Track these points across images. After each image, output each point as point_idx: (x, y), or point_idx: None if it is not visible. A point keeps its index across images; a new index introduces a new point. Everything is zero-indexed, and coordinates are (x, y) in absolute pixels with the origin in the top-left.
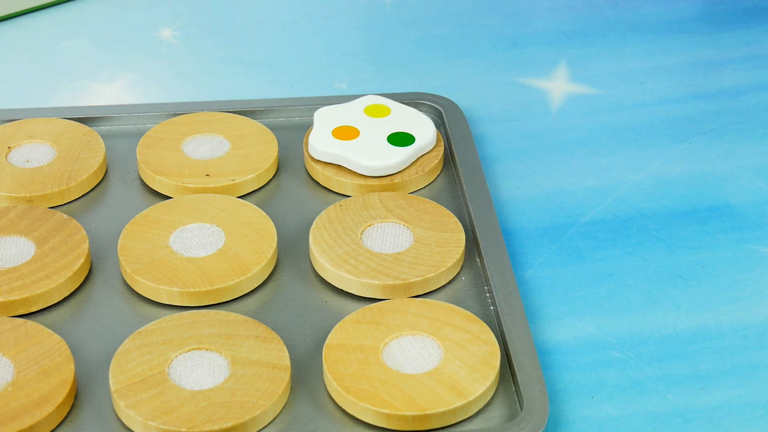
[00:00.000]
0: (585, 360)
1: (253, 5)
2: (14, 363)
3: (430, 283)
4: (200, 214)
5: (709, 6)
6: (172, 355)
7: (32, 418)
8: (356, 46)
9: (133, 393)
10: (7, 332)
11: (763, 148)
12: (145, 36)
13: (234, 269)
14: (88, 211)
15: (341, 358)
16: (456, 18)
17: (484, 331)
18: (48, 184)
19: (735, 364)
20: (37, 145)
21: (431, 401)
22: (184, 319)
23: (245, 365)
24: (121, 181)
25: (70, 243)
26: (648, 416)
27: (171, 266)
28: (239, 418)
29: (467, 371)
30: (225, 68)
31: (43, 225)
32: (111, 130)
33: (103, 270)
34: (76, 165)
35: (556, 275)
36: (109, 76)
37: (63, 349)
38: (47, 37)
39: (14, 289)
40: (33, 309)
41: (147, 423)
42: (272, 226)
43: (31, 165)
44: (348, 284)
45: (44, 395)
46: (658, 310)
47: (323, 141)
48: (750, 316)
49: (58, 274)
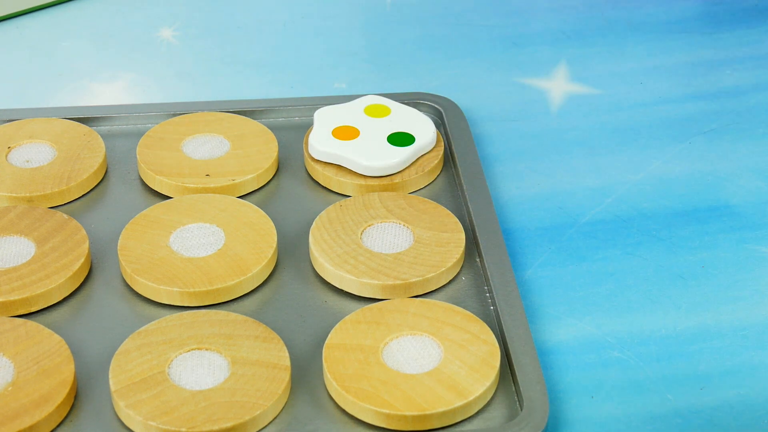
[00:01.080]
0: (585, 360)
1: (253, 5)
2: (14, 363)
3: (430, 283)
4: (200, 214)
5: (709, 6)
6: (172, 355)
7: (32, 418)
8: (356, 46)
9: (133, 393)
10: (7, 332)
11: (763, 148)
12: (145, 36)
13: (234, 269)
14: (88, 211)
15: (341, 358)
16: (456, 18)
17: (484, 331)
18: (48, 184)
19: (735, 364)
20: (37, 145)
21: (431, 401)
22: (184, 319)
23: (245, 365)
24: (121, 181)
25: (70, 243)
26: (648, 416)
27: (171, 266)
28: (239, 418)
29: (467, 371)
30: (225, 68)
31: (43, 225)
32: (111, 130)
33: (103, 270)
34: (76, 165)
35: (556, 275)
36: (109, 76)
37: (63, 349)
38: (47, 37)
39: (14, 289)
40: (33, 309)
41: (147, 423)
42: (272, 226)
43: (31, 165)
44: (348, 284)
45: (44, 395)
46: (658, 310)
47: (323, 141)
48: (750, 316)
49: (58, 274)
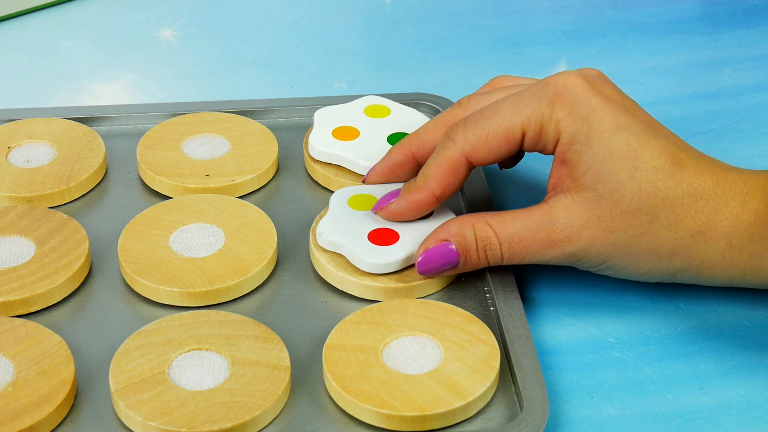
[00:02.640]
0: (585, 360)
1: (253, 5)
2: (14, 363)
3: (430, 285)
4: (200, 215)
5: (709, 6)
6: (172, 355)
7: (32, 418)
8: (356, 46)
9: (133, 393)
10: (7, 332)
11: (763, 148)
12: (145, 36)
13: (234, 269)
14: (88, 211)
15: (341, 358)
16: (456, 18)
17: (484, 332)
18: (48, 184)
19: (735, 364)
20: (37, 145)
21: (431, 402)
22: (184, 320)
23: (245, 365)
24: (121, 181)
25: (70, 243)
26: (648, 416)
27: (171, 266)
28: (239, 419)
29: (467, 372)
30: (225, 68)
31: (43, 225)
32: (111, 130)
33: (103, 270)
34: (76, 165)
35: (556, 275)
36: (109, 76)
37: (63, 349)
38: (47, 37)
39: (14, 289)
40: (33, 309)
41: (147, 423)
42: (272, 226)
43: (31, 165)
44: (349, 285)
45: (44, 395)
46: (658, 310)
47: (323, 141)
48: (750, 316)
49: (58, 274)
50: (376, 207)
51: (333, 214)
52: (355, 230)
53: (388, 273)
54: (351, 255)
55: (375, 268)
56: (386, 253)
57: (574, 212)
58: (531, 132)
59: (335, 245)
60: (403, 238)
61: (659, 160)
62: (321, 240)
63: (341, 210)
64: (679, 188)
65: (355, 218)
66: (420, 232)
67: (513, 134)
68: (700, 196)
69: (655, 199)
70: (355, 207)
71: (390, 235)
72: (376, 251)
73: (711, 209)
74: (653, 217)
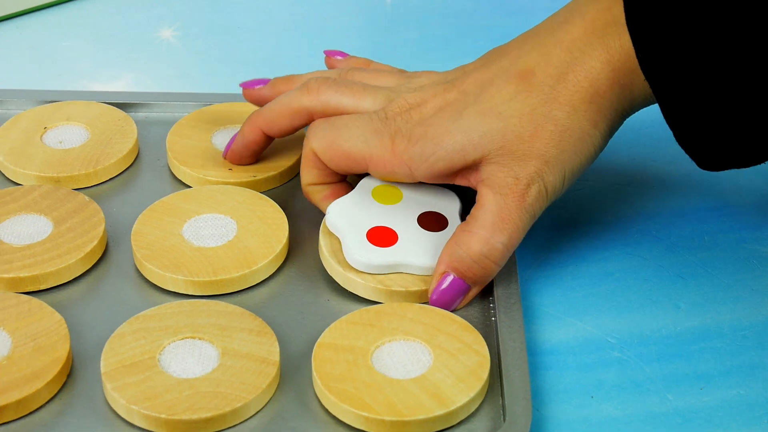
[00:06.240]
0: (585, 360)
1: (253, 5)
2: (12, 338)
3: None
4: (217, 205)
5: None
6: (165, 341)
7: (20, 393)
8: (356, 46)
9: (121, 376)
10: (10, 308)
11: None
12: (145, 36)
13: (241, 261)
14: (112, 195)
15: (330, 357)
16: (456, 18)
17: (478, 342)
18: (76, 166)
19: (735, 364)
20: (72, 127)
21: (412, 408)
22: (184, 308)
23: (234, 357)
24: (149, 168)
25: (87, 225)
26: (648, 416)
27: (179, 254)
28: (219, 409)
29: (453, 380)
30: (225, 68)
31: (63, 205)
32: (149, 116)
33: (118, 254)
34: (106, 149)
35: (556, 275)
36: (109, 76)
37: (61, 327)
38: (47, 37)
39: (26, 266)
40: (42, 287)
41: (129, 407)
42: (285, 221)
43: (63, 146)
44: (354, 286)
45: (36, 371)
46: (658, 310)
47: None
48: (750, 316)
49: (70, 254)
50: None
51: (352, 198)
52: (359, 223)
53: (375, 273)
54: (344, 246)
55: (359, 266)
56: (376, 253)
57: (502, 168)
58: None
59: (336, 229)
60: (400, 243)
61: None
62: (327, 219)
63: (360, 197)
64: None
65: (367, 210)
66: (420, 240)
67: (355, 159)
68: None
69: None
70: (376, 198)
71: (389, 236)
72: (366, 249)
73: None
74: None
